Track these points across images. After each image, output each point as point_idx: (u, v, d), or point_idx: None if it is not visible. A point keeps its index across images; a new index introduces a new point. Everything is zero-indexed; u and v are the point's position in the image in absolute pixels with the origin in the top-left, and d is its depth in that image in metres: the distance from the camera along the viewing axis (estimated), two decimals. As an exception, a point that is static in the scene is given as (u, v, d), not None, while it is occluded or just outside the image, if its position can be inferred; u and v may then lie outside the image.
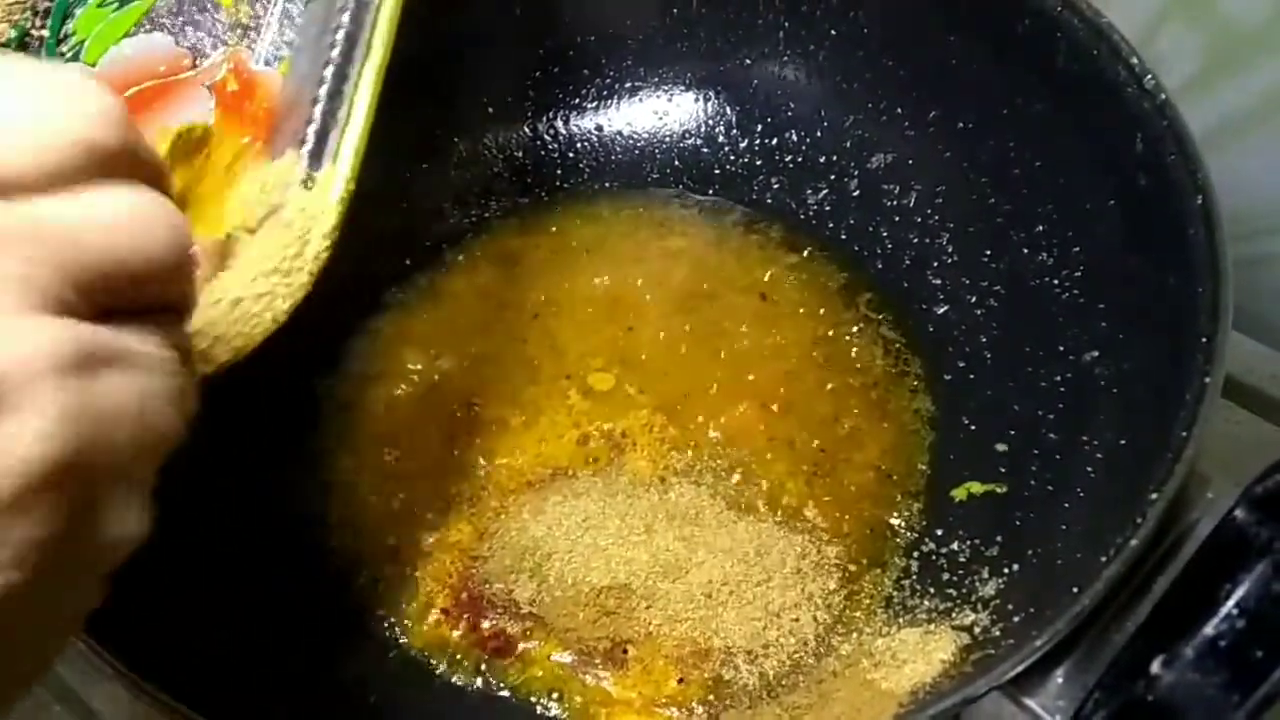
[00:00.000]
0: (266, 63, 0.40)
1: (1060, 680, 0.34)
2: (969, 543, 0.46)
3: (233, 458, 0.49)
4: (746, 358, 0.53)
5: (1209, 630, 0.30)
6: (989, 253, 0.52)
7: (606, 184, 0.60)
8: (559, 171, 0.60)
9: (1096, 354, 0.45)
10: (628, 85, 0.61)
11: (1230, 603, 0.30)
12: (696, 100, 0.60)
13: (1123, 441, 0.42)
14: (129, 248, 0.24)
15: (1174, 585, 0.34)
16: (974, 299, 0.52)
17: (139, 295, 0.24)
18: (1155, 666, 0.30)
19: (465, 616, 0.47)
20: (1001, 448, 0.48)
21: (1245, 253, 0.62)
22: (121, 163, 0.24)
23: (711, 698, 0.44)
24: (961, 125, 0.53)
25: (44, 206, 0.22)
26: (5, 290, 0.21)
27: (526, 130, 0.60)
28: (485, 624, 0.46)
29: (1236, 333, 0.38)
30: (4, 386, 0.21)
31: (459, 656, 0.46)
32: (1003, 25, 0.49)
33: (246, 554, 0.47)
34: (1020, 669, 0.33)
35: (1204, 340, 0.38)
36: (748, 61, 0.58)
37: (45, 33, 0.41)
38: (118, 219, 0.24)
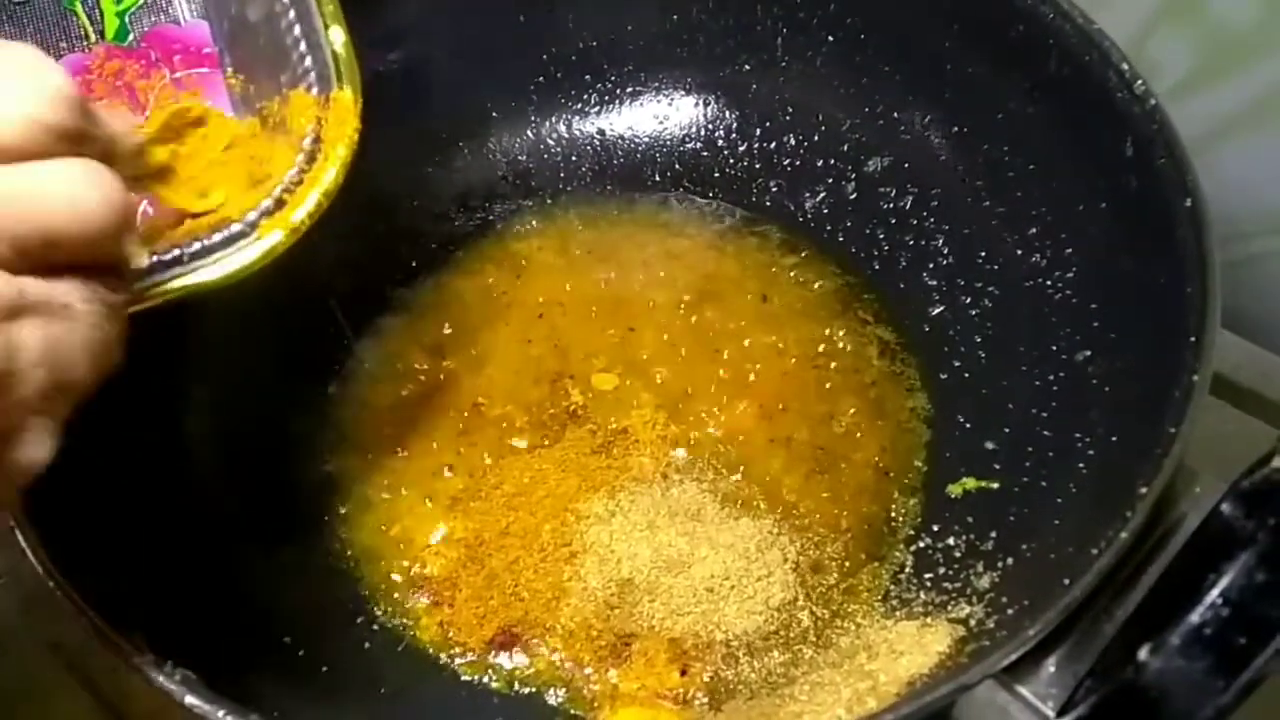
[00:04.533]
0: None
1: (1052, 669, 0.35)
2: (964, 537, 0.46)
3: (242, 458, 0.50)
4: (746, 357, 0.54)
5: (1195, 618, 0.31)
6: (983, 254, 0.53)
7: (608, 186, 0.61)
8: (562, 174, 0.61)
9: (1088, 353, 0.46)
10: (629, 90, 0.61)
11: (1215, 592, 0.31)
12: (696, 105, 0.61)
13: (1114, 438, 0.43)
14: (66, 216, 0.27)
15: (1162, 576, 0.34)
16: (969, 300, 0.53)
17: (74, 256, 0.28)
18: (1143, 654, 0.31)
19: (471, 611, 0.47)
20: (996, 445, 0.48)
21: (1234, 253, 0.63)
22: (70, 138, 0.28)
23: (714, 690, 0.45)
24: (956, 129, 0.54)
25: None
26: None
27: (530, 134, 0.61)
28: (491, 619, 0.47)
29: (1224, 331, 0.39)
30: None
31: (465, 650, 0.47)
32: (996, 31, 0.50)
33: (259, 551, 0.48)
34: (1013, 658, 0.34)
35: (1192, 339, 0.39)
36: (747, 67, 0.59)
37: None
38: (58, 189, 0.27)
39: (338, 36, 0.40)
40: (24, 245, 0.27)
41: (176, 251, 0.36)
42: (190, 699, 0.34)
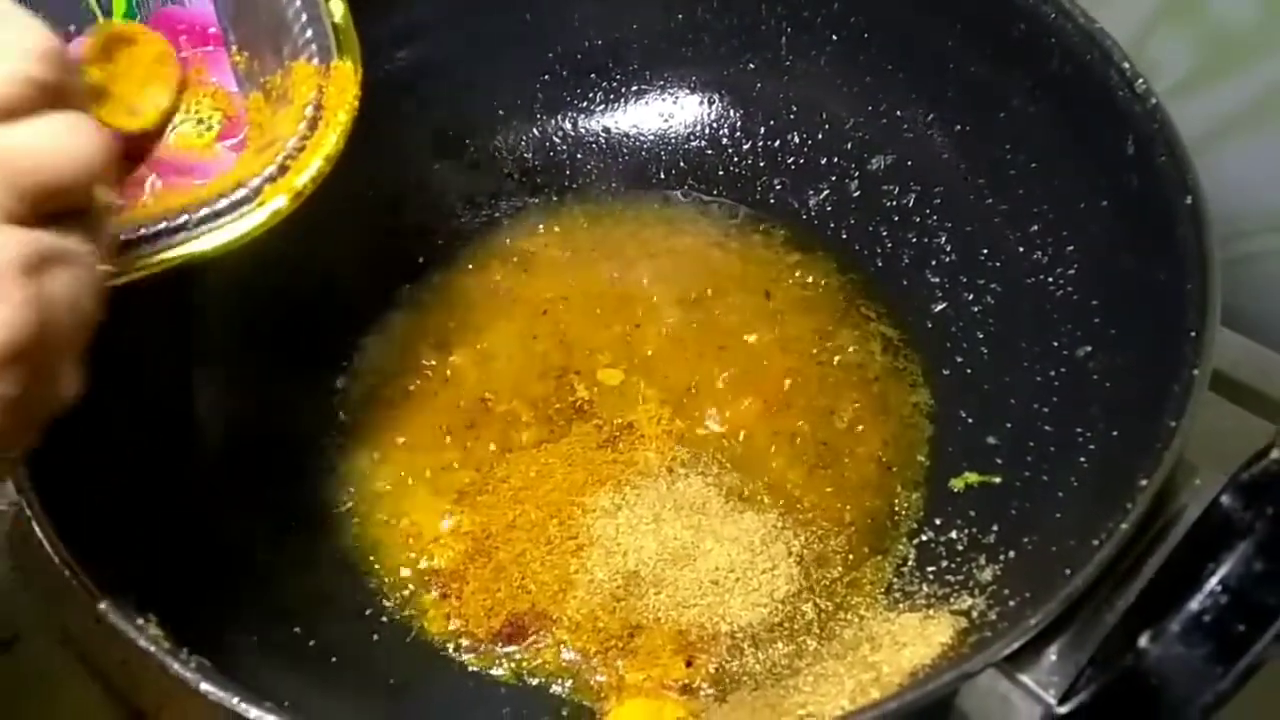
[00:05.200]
0: None
1: (1054, 657, 0.35)
2: (967, 531, 0.47)
3: (252, 453, 0.51)
4: (750, 354, 0.55)
5: (1194, 606, 0.31)
6: (985, 251, 0.53)
7: (613, 184, 0.62)
8: (568, 172, 0.62)
9: (1089, 349, 0.47)
10: (634, 88, 0.62)
11: (1214, 580, 0.31)
12: (701, 103, 0.61)
13: (1114, 432, 0.43)
14: (65, 164, 0.29)
15: (1163, 566, 0.35)
16: (971, 296, 0.53)
17: (71, 201, 0.29)
18: (1143, 640, 0.32)
19: (479, 603, 0.48)
20: (998, 440, 0.49)
21: (1233, 251, 0.64)
22: (57, 92, 0.29)
23: (719, 681, 0.45)
24: (959, 128, 0.54)
25: None
26: None
27: (536, 132, 0.62)
28: (498, 610, 0.48)
29: (1223, 328, 0.40)
30: None
31: (473, 642, 0.47)
32: (998, 30, 0.50)
33: (269, 544, 0.48)
34: (1015, 646, 0.34)
35: (1192, 335, 0.39)
36: (751, 66, 0.60)
37: None
38: (55, 141, 0.28)
39: (337, 8, 0.41)
40: (33, 198, 0.28)
41: (184, 217, 0.36)
42: (206, 686, 0.35)
